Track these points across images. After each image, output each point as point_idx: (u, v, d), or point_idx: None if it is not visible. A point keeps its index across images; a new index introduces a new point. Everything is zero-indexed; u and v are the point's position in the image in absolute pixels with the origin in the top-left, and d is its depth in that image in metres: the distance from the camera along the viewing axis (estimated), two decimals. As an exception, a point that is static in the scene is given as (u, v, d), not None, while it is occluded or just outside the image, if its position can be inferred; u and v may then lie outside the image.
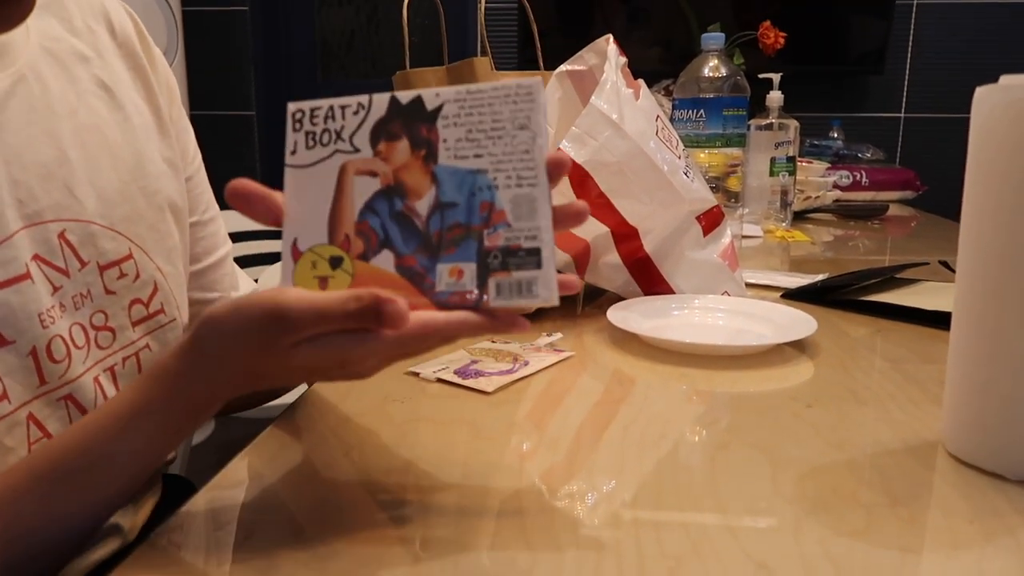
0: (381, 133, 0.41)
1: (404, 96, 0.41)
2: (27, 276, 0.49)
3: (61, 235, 0.52)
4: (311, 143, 0.42)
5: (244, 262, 1.51)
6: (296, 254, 0.41)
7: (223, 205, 0.54)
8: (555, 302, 0.38)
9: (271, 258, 1.61)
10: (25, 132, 0.51)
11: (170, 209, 0.60)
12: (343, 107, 0.41)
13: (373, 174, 0.41)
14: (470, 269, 0.39)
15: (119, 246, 0.55)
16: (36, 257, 0.50)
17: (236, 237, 0.91)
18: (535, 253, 0.38)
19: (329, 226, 0.41)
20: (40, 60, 0.53)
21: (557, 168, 0.40)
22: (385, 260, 0.40)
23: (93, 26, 0.59)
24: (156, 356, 0.58)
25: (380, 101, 0.41)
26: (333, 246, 0.41)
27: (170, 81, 0.65)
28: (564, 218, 0.40)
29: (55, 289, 0.51)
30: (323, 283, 0.40)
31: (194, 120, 0.69)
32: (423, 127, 0.40)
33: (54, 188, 0.51)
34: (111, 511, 0.45)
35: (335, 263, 0.40)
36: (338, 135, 0.41)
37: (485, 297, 0.39)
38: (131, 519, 0.60)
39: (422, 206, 0.40)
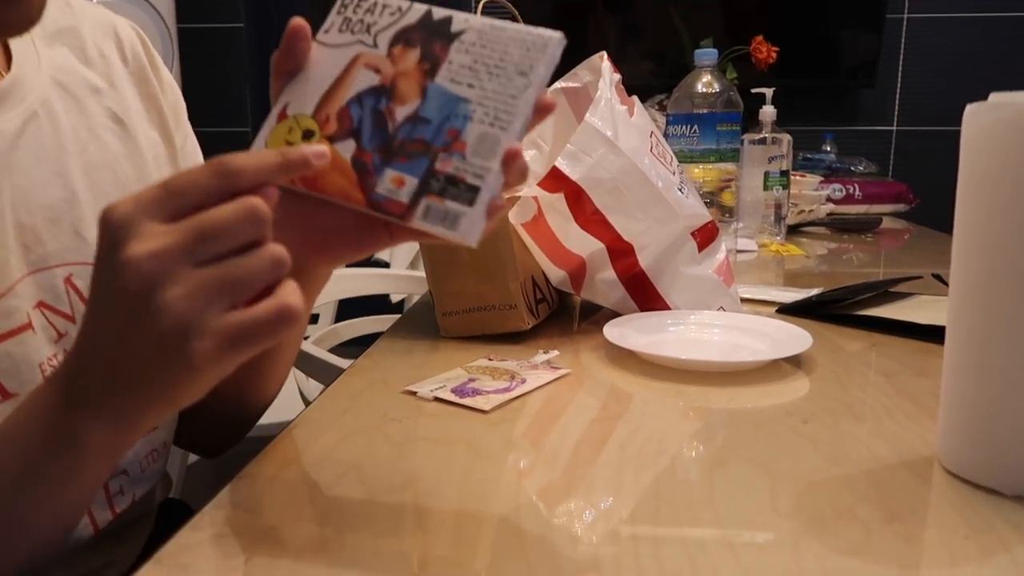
0: (402, 38, 0.43)
1: (438, 13, 0.43)
2: (28, 326, 0.48)
3: (67, 280, 0.51)
4: (344, 28, 0.44)
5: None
6: (281, 116, 0.43)
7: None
8: (472, 244, 0.38)
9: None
10: (34, 172, 0.50)
11: None
12: (386, 6, 0.44)
13: (377, 71, 0.42)
14: (411, 183, 0.40)
15: None
16: (40, 304, 0.49)
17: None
18: (473, 191, 0.39)
19: (319, 102, 0.43)
20: (52, 95, 0.53)
21: (541, 111, 0.40)
22: (346, 148, 0.41)
23: (106, 52, 0.58)
24: None
25: (416, 11, 0.43)
26: (312, 119, 0.42)
27: (177, 104, 0.64)
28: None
29: (60, 336, 0.51)
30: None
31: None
32: (439, 44, 0.42)
33: (61, 232, 0.51)
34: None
35: (307, 135, 0.42)
36: (367, 29, 0.43)
37: (412, 213, 0.39)
38: (123, 553, 0.59)
39: (401, 112, 0.41)
